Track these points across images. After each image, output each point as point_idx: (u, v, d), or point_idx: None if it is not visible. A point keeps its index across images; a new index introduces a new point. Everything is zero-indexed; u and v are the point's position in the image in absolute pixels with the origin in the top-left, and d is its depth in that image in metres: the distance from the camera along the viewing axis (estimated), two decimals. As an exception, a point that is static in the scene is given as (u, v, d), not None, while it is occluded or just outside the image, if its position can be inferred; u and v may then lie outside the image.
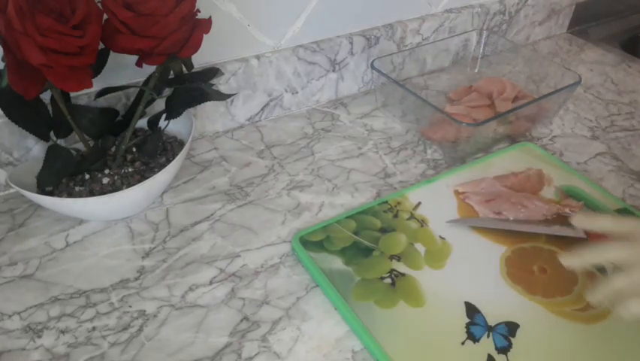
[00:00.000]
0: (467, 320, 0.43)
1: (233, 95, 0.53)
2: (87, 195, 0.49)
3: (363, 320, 0.42)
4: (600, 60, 0.87)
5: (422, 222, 0.52)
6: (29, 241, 0.50)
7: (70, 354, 0.40)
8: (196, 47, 0.46)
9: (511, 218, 0.52)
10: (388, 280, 0.46)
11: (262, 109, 0.67)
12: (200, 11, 0.46)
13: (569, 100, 0.74)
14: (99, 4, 0.42)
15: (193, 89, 0.50)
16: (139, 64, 0.46)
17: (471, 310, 0.43)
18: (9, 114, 0.46)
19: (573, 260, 0.39)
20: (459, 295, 0.45)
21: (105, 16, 0.43)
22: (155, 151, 0.53)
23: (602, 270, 0.47)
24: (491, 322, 0.43)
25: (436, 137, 0.64)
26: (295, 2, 0.63)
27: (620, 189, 0.58)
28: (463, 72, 0.80)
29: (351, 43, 0.69)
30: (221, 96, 0.51)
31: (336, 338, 0.42)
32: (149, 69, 0.49)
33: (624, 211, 0.53)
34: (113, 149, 0.53)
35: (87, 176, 0.50)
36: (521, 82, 0.75)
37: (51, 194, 0.49)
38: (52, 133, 0.49)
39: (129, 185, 0.50)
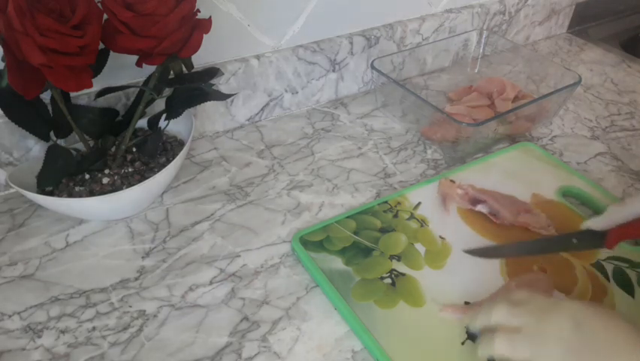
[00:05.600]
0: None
1: (233, 95, 0.53)
2: (87, 195, 0.49)
3: (363, 320, 0.42)
4: (600, 60, 0.87)
5: (422, 223, 0.52)
6: (29, 241, 0.50)
7: (71, 354, 0.40)
8: (196, 47, 0.46)
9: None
10: (388, 280, 0.46)
11: (262, 109, 0.67)
12: (200, 11, 0.46)
13: (568, 100, 0.74)
14: (99, 4, 0.42)
15: (193, 89, 0.50)
16: (139, 64, 0.46)
17: (471, 310, 0.43)
18: (9, 114, 0.46)
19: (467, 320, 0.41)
20: (459, 295, 0.45)
21: (105, 16, 0.43)
22: (155, 151, 0.53)
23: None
24: (491, 322, 0.42)
25: (436, 137, 0.64)
26: (295, 2, 0.63)
27: (620, 189, 0.58)
28: (463, 72, 0.80)
29: (351, 43, 0.69)
30: (221, 96, 0.52)
31: (336, 338, 0.42)
32: (149, 69, 0.49)
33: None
34: (113, 149, 0.53)
35: (87, 176, 0.50)
36: (521, 82, 0.75)
37: (51, 194, 0.49)
38: (52, 133, 0.49)
39: (129, 185, 0.50)
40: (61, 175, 0.49)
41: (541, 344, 0.34)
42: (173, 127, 0.56)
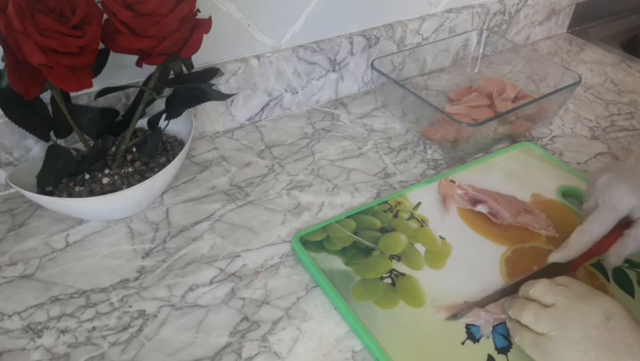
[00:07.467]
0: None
1: (233, 95, 0.53)
2: (87, 195, 0.49)
3: (363, 320, 0.42)
4: (600, 60, 0.87)
5: (422, 223, 0.52)
6: (29, 241, 0.50)
7: (71, 354, 0.40)
8: (196, 47, 0.46)
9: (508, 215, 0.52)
10: (388, 280, 0.46)
11: (262, 109, 0.67)
12: (200, 11, 0.46)
13: (569, 100, 0.74)
14: (99, 4, 0.42)
15: (193, 89, 0.50)
16: (139, 64, 0.46)
17: (471, 310, 0.43)
18: (9, 114, 0.46)
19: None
20: (459, 295, 0.45)
21: (105, 16, 0.43)
22: (155, 151, 0.53)
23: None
24: (491, 322, 0.43)
25: (436, 137, 0.64)
26: (295, 2, 0.63)
27: (620, 189, 0.58)
28: (463, 72, 0.80)
29: (351, 43, 0.69)
30: (221, 96, 0.51)
31: (336, 338, 0.42)
32: (149, 69, 0.49)
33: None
34: (113, 149, 0.53)
35: (87, 176, 0.50)
36: (521, 82, 0.75)
37: (51, 194, 0.49)
38: (52, 133, 0.49)
39: (129, 185, 0.50)
40: (61, 175, 0.49)
41: (564, 326, 0.36)
42: (173, 127, 0.56)
